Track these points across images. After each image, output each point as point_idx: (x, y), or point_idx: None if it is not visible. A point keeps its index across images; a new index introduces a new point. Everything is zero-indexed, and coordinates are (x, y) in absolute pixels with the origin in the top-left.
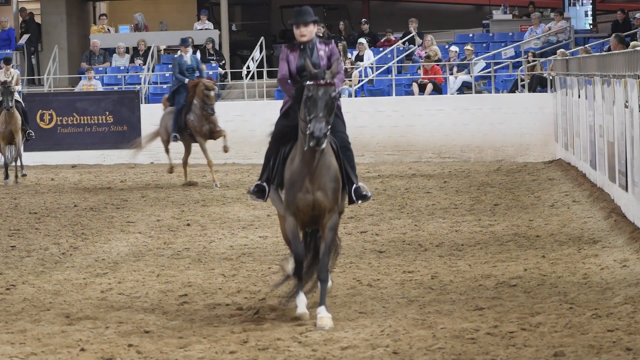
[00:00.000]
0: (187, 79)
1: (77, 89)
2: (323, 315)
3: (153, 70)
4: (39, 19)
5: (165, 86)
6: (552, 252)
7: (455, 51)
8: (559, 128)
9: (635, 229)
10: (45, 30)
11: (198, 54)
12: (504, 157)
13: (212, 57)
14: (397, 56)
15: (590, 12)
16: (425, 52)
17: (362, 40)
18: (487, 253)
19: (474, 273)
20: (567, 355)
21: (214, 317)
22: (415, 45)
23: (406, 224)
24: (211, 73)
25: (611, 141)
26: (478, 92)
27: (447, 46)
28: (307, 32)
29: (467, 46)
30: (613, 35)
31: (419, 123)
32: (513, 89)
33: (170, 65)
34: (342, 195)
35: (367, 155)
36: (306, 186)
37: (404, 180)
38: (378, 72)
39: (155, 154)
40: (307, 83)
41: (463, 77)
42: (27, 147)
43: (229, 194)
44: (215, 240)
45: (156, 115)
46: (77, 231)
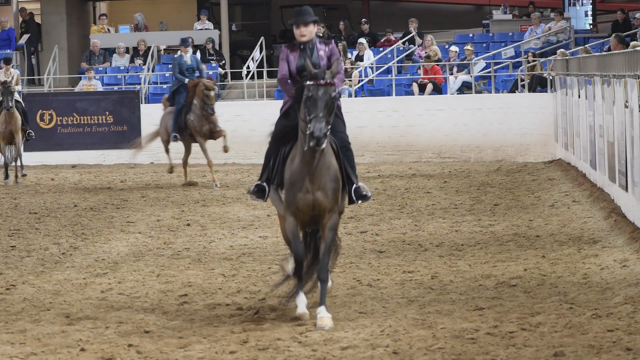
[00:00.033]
0: (187, 79)
1: (77, 89)
2: (323, 315)
3: (153, 70)
4: (39, 19)
5: (165, 86)
6: (552, 252)
7: (455, 51)
8: (559, 128)
9: (635, 229)
10: (45, 30)
11: (198, 54)
12: (504, 157)
13: (212, 57)
14: (397, 56)
15: (590, 12)
16: (426, 52)
17: (362, 40)
18: (487, 253)
19: (474, 273)
20: (567, 355)
21: (214, 317)
22: (415, 45)
23: (406, 224)
24: (211, 73)
25: (611, 141)
26: (478, 92)
27: (447, 46)
28: (307, 32)
29: (467, 46)
30: (613, 35)
31: (419, 123)
32: (513, 89)
33: (170, 65)
34: (342, 195)
35: (367, 155)
36: (306, 186)
37: (404, 180)
38: (378, 72)
39: (155, 154)
40: (307, 83)
41: (463, 77)
42: (27, 147)
43: (229, 194)
44: (215, 240)
45: (156, 115)
46: (77, 231)
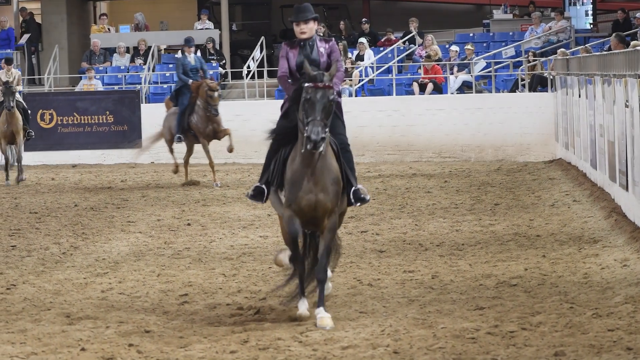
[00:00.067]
0: (190, 80)
1: (77, 89)
2: (323, 316)
3: (153, 70)
4: (39, 19)
5: (165, 86)
6: (553, 252)
7: (456, 51)
8: (559, 127)
9: (636, 229)
10: (45, 29)
11: (198, 54)
12: (505, 156)
13: (212, 57)
14: (398, 56)
15: (590, 12)
16: (426, 52)
17: (362, 40)
18: (488, 253)
19: (475, 273)
20: (567, 355)
21: (214, 316)
22: (415, 44)
23: (407, 224)
24: (212, 73)
25: (611, 141)
26: (478, 91)
27: (447, 46)
28: (307, 29)
29: (467, 46)
30: (613, 34)
31: (419, 123)
32: (513, 89)
33: (170, 65)
34: (342, 197)
35: (368, 155)
36: (308, 186)
37: (405, 179)
38: (378, 71)
39: (155, 154)
40: (305, 85)
41: (463, 76)
42: (28, 147)
43: (229, 194)
44: (215, 239)
45: (156, 115)
46: (77, 231)
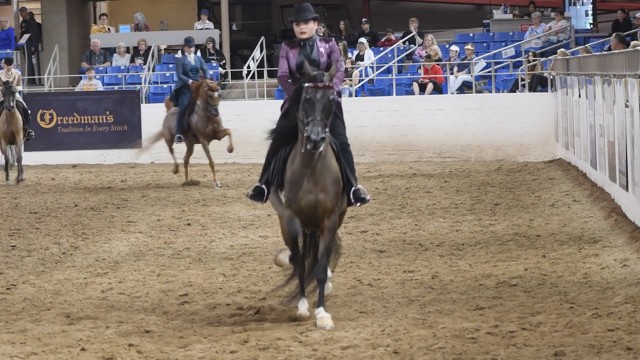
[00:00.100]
0: (190, 80)
1: (77, 89)
2: (323, 316)
3: (153, 70)
4: (39, 19)
5: (165, 86)
6: (553, 252)
7: (456, 51)
8: (559, 128)
9: (636, 229)
10: (45, 29)
11: (198, 53)
12: (505, 156)
13: (212, 57)
14: (398, 56)
15: (590, 12)
16: (426, 52)
17: (362, 40)
18: (488, 253)
19: (475, 273)
20: (567, 355)
21: (214, 316)
22: (415, 44)
23: (407, 224)
24: (212, 73)
25: (611, 141)
26: (478, 91)
27: (447, 46)
28: (307, 29)
29: (467, 46)
30: (613, 34)
31: (419, 123)
32: (513, 89)
33: (171, 65)
34: (342, 197)
35: (368, 155)
36: (307, 186)
37: (405, 179)
38: (378, 71)
39: (155, 154)
40: (305, 85)
41: (463, 76)
42: (28, 147)
43: (229, 194)
44: (215, 239)
45: (156, 114)
46: (77, 231)
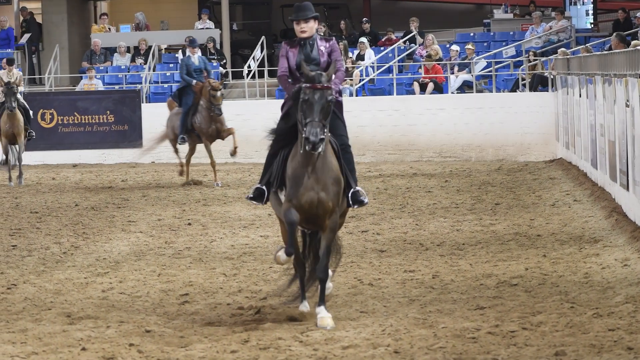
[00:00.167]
0: (194, 80)
1: (78, 89)
2: (324, 315)
3: (154, 70)
4: (39, 18)
5: (166, 85)
6: (553, 252)
7: (456, 50)
8: (560, 127)
9: (636, 228)
10: (46, 29)
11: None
12: (505, 156)
13: (213, 57)
14: (398, 55)
15: (591, 11)
16: (426, 51)
17: (363, 40)
18: (488, 252)
19: (475, 272)
20: (568, 355)
21: (215, 316)
22: (416, 44)
23: (407, 223)
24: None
25: (612, 140)
26: (479, 91)
27: (448, 45)
28: (307, 27)
29: (468, 45)
30: (614, 34)
31: (420, 122)
32: (514, 88)
33: (171, 65)
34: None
35: (368, 155)
36: (308, 184)
37: (405, 179)
38: (379, 71)
39: (156, 154)
40: (303, 86)
41: (464, 76)
42: (28, 147)
43: (230, 194)
44: (216, 239)
45: (157, 114)
46: (78, 230)
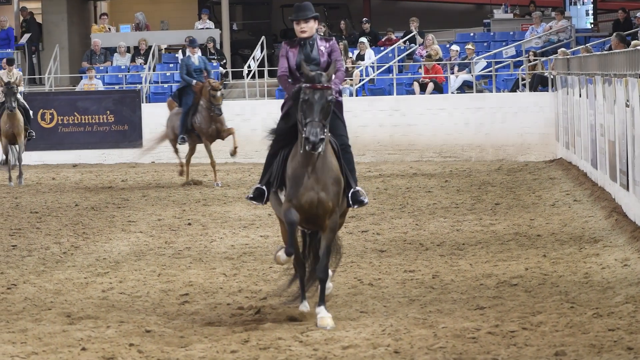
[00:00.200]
0: (194, 81)
1: (78, 88)
2: (324, 315)
3: (154, 70)
4: (39, 18)
5: (166, 85)
6: (553, 252)
7: (456, 50)
8: (560, 127)
9: (636, 228)
10: (46, 29)
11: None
12: (505, 156)
13: (213, 57)
14: (398, 55)
15: (591, 11)
16: (426, 51)
17: (363, 40)
18: (488, 252)
19: (475, 272)
20: (568, 355)
21: (215, 316)
22: (416, 44)
23: (407, 223)
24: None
25: (612, 140)
26: (479, 91)
27: (448, 45)
28: (307, 27)
29: (468, 45)
30: (614, 34)
31: (420, 122)
32: (514, 88)
33: (171, 65)
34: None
35: (368, 155)
36: (308, 183)
37: (405, 179)
38: (379, 71)
39: (156, 154)
40: (303, 86)
41: (464, 76)
42: (28, 147)
43: (230, 194)
44: (216, 239)
45: (157, 114)
46: (78, 230)
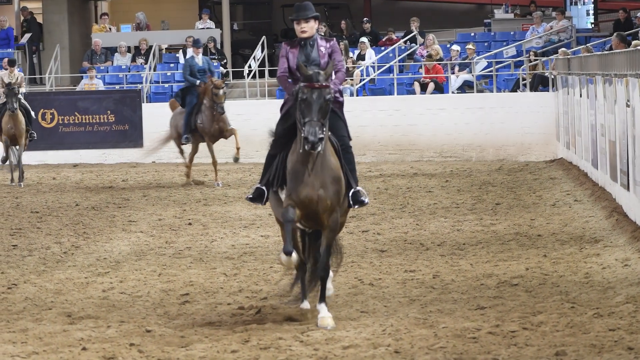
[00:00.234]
0: (198, 81)
1: (78, 88)
2: (324, 315)
3: (155, 70)
4: (40, 18)
5: (167, 85)
6: (554, 252)
7: (457, 50)
8: (560, 127)
9: (637, 228)
10: (46, 29)
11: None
12: (506, 156)
13: (213, 57)
14: (399, 55)
15: (591, 11)
16: (427, 51)
17: (363, 39)
18: (489, 252)
19: (476, 272)
20: (568, 355)
21: (215, 316)
22: (416, 44)
23: (408, 223)
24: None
25: (613, 140)
26: (480, 91)
27: (448, 45)
28: (307, 27)
29: (468, 45)
30: (615, 34)
31: (420, 122)
32: (515, 88)
33: (172, 65)
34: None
35: (369, 155)
36: (307, 180)
37: (406, 179)
38: (380, 71)
39: (157, 153)
40: (301, 85)
41: (465, 76)
42: (29, 146)
43: (230, 193)
44: (216, 239)
45: (158, 114)
46: (78, 230)
